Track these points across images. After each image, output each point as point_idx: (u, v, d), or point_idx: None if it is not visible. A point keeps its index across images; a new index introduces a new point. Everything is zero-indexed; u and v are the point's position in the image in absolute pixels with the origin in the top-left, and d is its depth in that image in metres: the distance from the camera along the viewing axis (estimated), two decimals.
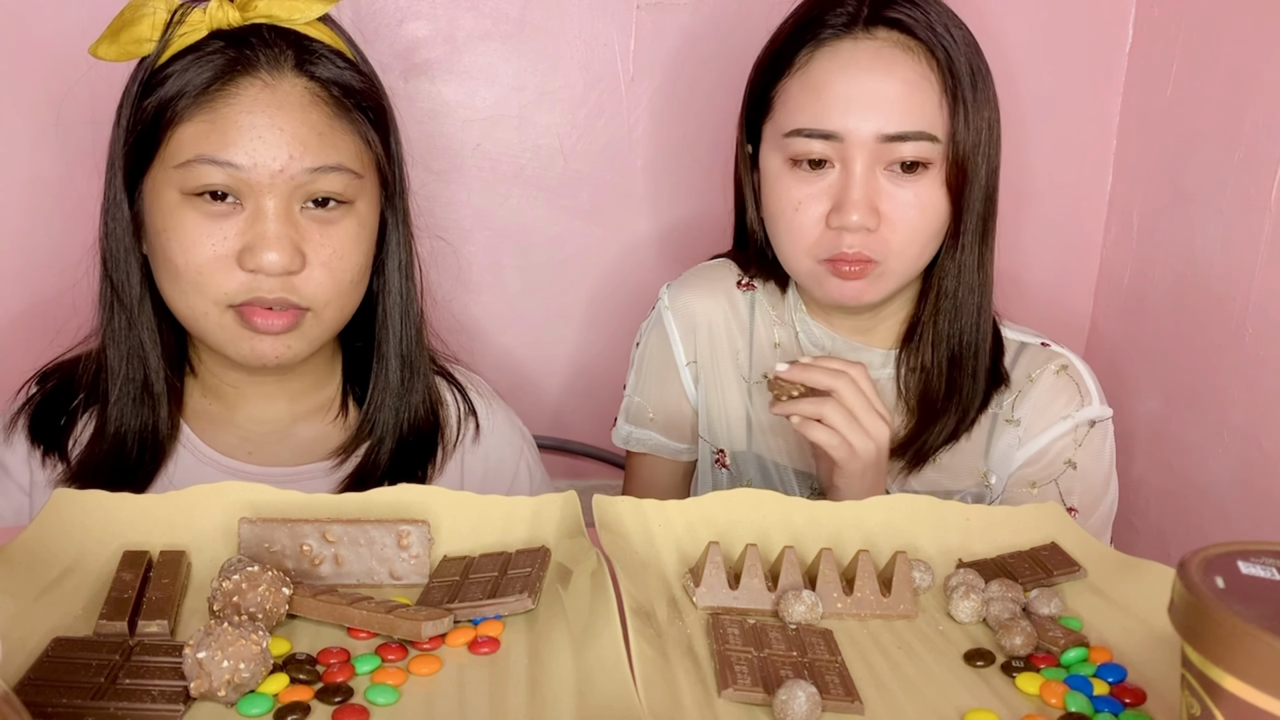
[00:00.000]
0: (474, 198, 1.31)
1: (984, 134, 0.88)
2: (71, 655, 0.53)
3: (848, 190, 0.87)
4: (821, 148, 0.88)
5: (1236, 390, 1.15)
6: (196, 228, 0.77)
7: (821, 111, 0.87)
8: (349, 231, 0.80)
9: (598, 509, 0.68)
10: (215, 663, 0.50)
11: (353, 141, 0.81)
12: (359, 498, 0.68)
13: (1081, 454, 0.95)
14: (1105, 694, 0.56)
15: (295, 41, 0.79)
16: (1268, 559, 0.46)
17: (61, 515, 0.64)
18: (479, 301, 1.34)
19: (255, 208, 0.77)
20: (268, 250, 0.76)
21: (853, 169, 0.87)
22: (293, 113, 0.77)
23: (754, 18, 1.28)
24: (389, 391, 0.88)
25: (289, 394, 0.89)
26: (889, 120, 0.86)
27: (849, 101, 0.86)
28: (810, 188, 0.89)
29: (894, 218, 0.87)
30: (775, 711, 0.52)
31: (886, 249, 0.88)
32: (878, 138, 0.86)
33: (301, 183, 0.77)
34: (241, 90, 0.77)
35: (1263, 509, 1.11)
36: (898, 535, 0.71)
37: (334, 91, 0.80)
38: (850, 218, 0.86)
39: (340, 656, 0.55)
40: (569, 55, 1.27)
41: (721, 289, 1.04)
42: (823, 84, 0.88)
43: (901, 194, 0.87)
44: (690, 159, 1.32)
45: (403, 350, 0.89)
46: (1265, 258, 1.11)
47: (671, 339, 1.04)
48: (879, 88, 0.86)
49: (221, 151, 0.76)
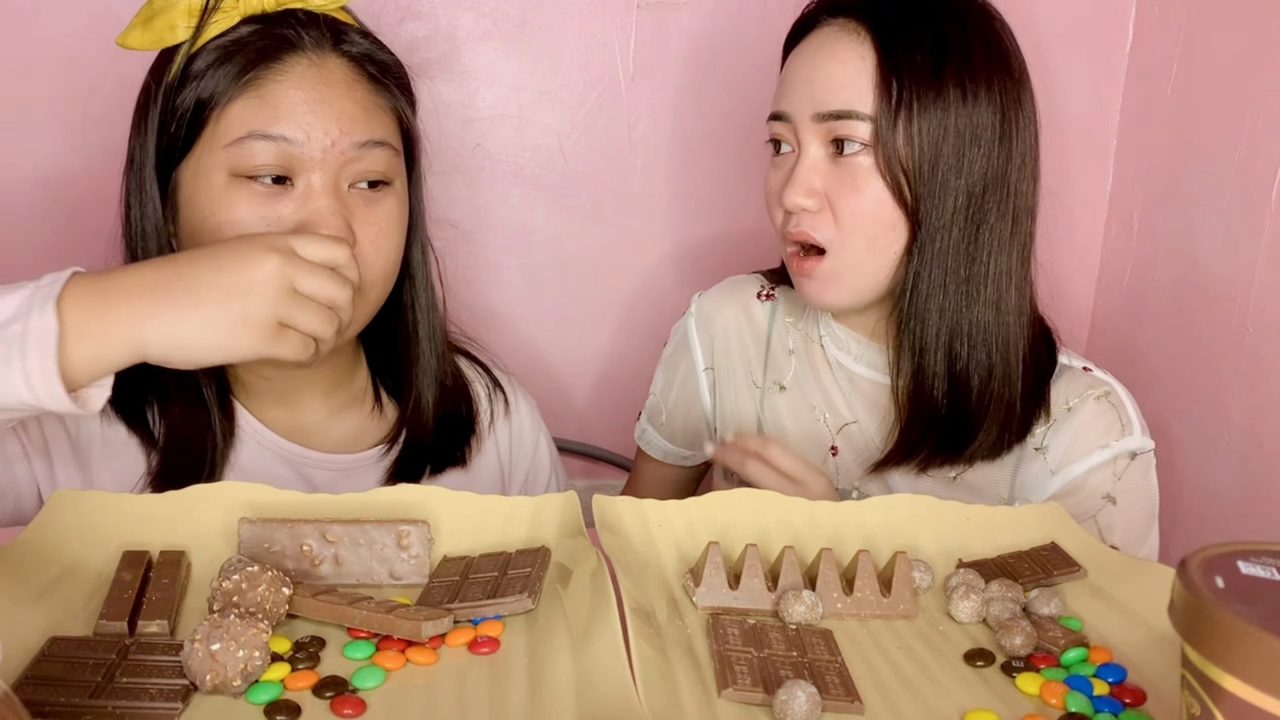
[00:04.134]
0: (474, 198, 1.31)
1: (950, 133, 0.83)
2: (69, 654, 0.53)
3: (793, 171, 0.87)
4: (779, 129, 0.89)
5: (1236, 390, 1.15)
6: (250, 208, 0.76)
7: (779, 93, 0.90)
8: (391, 211, 0.81)
9: (598, 509, 0.68)
10: (230, 653, 0.51)
11: (390, 119, 0.82)
12: (359, 498, 0.68)
13: (1121, 488, 0.89)
14: (1105, 694, 0.56)
15: (330, 24, 0.80)
16: (1268, 559, 0.46)
17: (61, 515, 0.64)
18: (478, 301, 1.34)
19: (306, 186, 0.77)
20: (323, 226, 0.76)
21: (803, 151, 0.87)
22: (338, 88, 0.78)
23: (754, 17, 1.28)
24: (428, 374, 0.89)
25: (322, 389, 0.88)
26: (820, 99, 0.85)
27: (794, 83, 0.88)
28: (778, 171, 0.91)
29: (834, 201, 0.86)
30: (775, 711, 0.52)
31: (827, 232, 0.87)
32: (814, 116, 0.86)
33: (350, 158, 0.78)
34: (289, 68, 0.77)
35: (1263, 509, 1.11)
36: (898, 535, 0.71)
37: (370, 69, 0.81)
38: (789, 198, 0.87)
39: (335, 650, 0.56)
40: (569, 55, 1.27)
41: (741, 299, 1.05)
42: (786, 70, 0.91)
43: (842, 175, 0.85)
44: (690, 159, 1.32)
45: (431, 332, 0.90)
46: (1265, 258, 1.11)
47: (692, 344, 1.06)
48: (818, 69, 0.86)
49: (273, 126, 0.75)
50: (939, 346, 0.87)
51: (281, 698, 0.52)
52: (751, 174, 1.30)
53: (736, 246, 1.35)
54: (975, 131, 0.84)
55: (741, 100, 1.30)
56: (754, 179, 1.31)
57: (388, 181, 0.81)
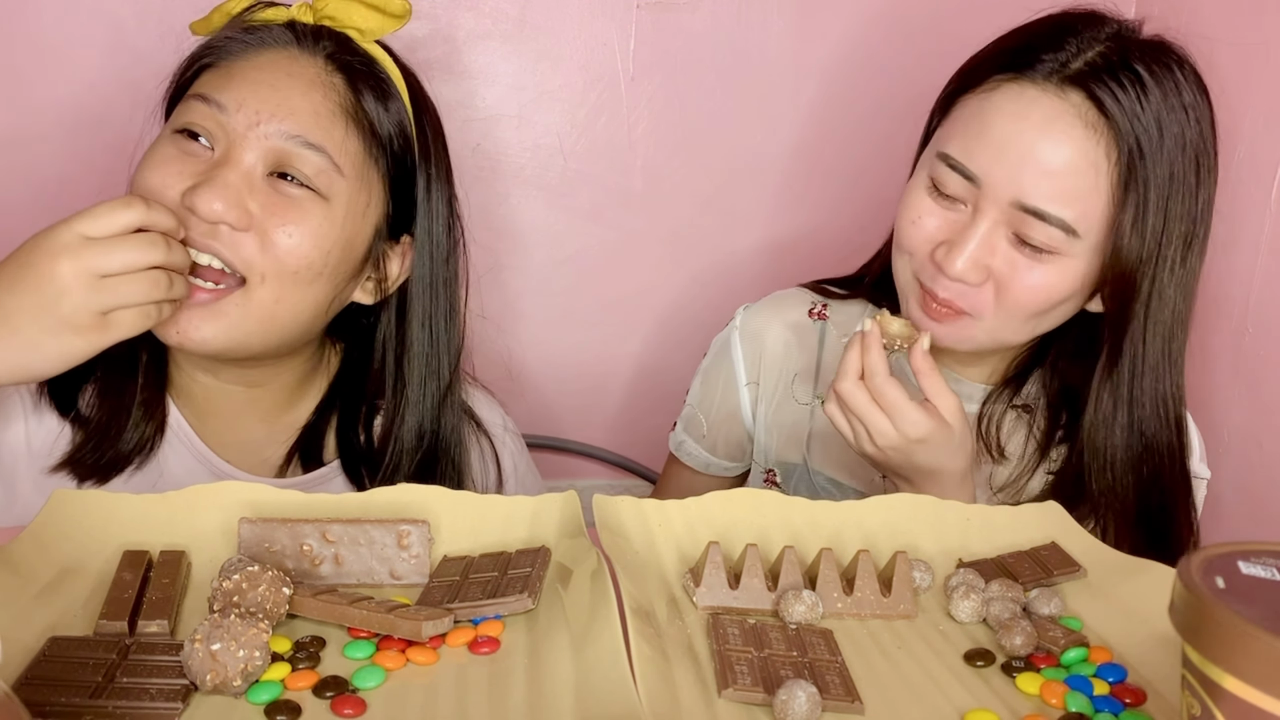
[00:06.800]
0: (474, 198, 1.30)
1: (1160, 246, 0.79)
2: (69, 654, 0.53)
3: (965, 238, 0.81)
4: (958, 185, 0.82)
5: (1236, 390, 1.15)
6: (165, 158, 0.77)
7: (973, 148, 0.81)
8: (311, 220, 0.77)
9: (598, 509, 0.68)
10: (230, 653, 0.51)
11: (355, 140, 0.80)
12: (359, 497, 0.68)
13: None
14: (1105, 694, 0.56)
15: (339, 38, 0.81)
16: (1268, 559, 0.46)
17: (61, 515, 0.64)
18: (477, 301, 1.33)
19: (222, 155, 0.76)
20: (209, 189, 0.74)
21: (980, 219, 0.81)
22: (299, 83, 0.78)
23: (754, 17, 1.28)
24: (403, 457, 0.86)
25: (262, 410, 0.87)
26: (1032, 190, 0.78)
27: (1000, 149, 0.79)
28: (938, 206, 0.84)
29: (1002, 281, 0.81)
30: (775, 711, 0.52)
31: (984, 309, 0.82)
32: (1014, 203, 0.79)
33: (277, 148, 0.76)
34: (268, 56, 0.78)
35: (1263, 509, 1.11)
36: (898, 535, 0.71)
37: (357, 86, 0.80)
38: (954, 265, 0.81)
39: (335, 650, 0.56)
40: (569, 55, 1.27)
41: (791, 315, 1.03)
42: (990, 121, 0.81)
43: (1020, 260, 0.80)
44: (690, 159, 1.32)
45: (420, 419, 0.86)
46: (1265, 258, 1.11)
47: (735, 358, 1.04)
48: (1039, 152, 0.78)
49: (216, 92, 0.77)
50: (1126, 454, 0.84)
51: (282, 698, 0.52)
52: (752, 174, 1.31)
53: (737, 247, 1.35)
54: (1189, 237, 0.81)
55: (742, 100, 1.30)
56: (754, 179, 1.31)
57: (318, 192, 0.78)
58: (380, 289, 0.86)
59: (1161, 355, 0.83)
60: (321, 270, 0.79)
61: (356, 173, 0.80)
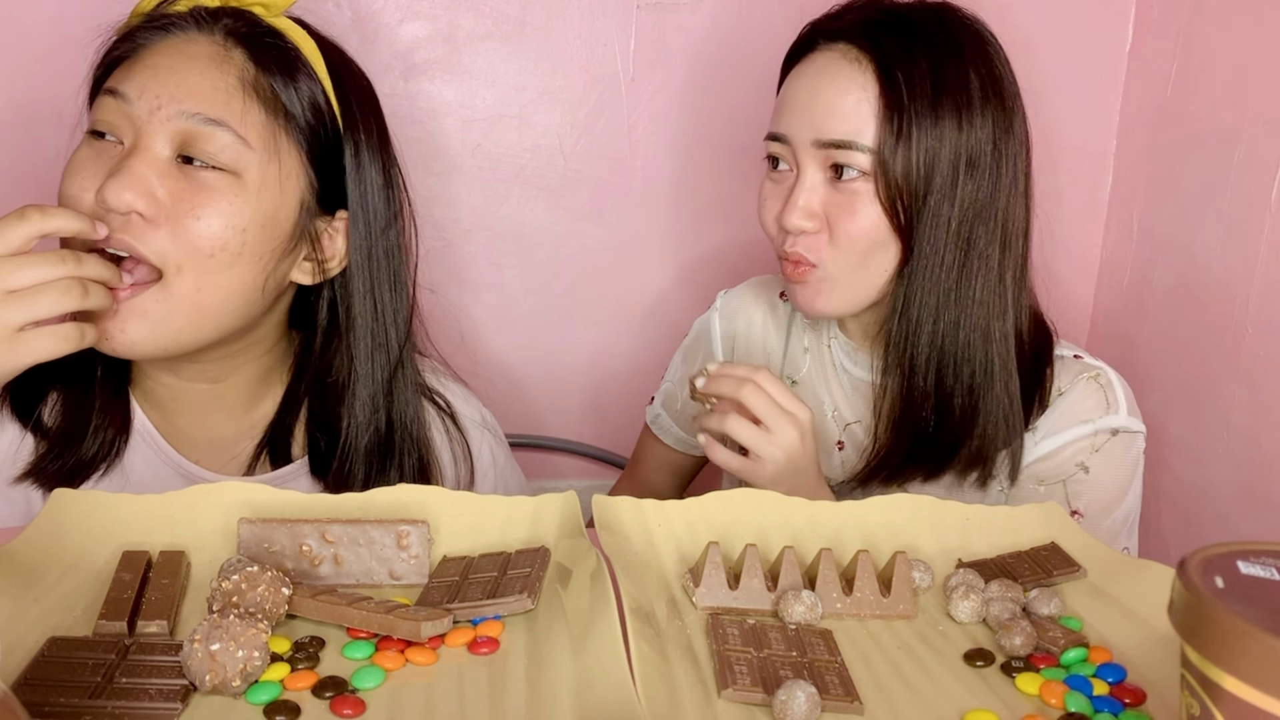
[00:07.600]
0: (474, 198, 1.31)
1: (944, 162, 0.85)
2: (68, 655, 0.53)
3: (795, 194, 0.89)
4: (778, 149, 0.92)
5: (1236, 390, 1.15)
6: (80, 162, 0.76)
7: (779, 115, 0.92)
8: (222, 201, 0.76)
9: (597, 509, 0.68)
10: (229, 654, 0.51)
11: (256, 114, 0.78)
12: (359, 497, 0.68)
13: (1097, 459, 0.92)
14: (1105, 694, 0.56)
15: (237, 14, 0.80)
16: (1268, 559, 0.46)
17: (61, 515, 0.64)
18: (478, 301, 1.34)
19: (131, 145, 0.76)
20: (117, 180, 0.73)
21: (802, 173, 0.90)
22: (197, 62, 0.77)
23: (754, 18, 1.28)
24: (358, 435, 0.85)
25: (228, 406, 0.87)
26: (821, 126, 0.88)
27: (795, 107, 0.90)
28: (775, 186, 0.93)
29: (831, 222, 0.89)
30: (775, 711, 0.52)
31: (822, 253, 0.90)
32: (814, 142, 0.88)
33: (181, 130, 0.76)
34: (169, 39, 0.78)
35: (1263, 509, 1.11)
36: (897, 535, 0.71)
37: (262, 58, 0.79)
38: (790, 218, 0.89)
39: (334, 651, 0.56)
40: (569, 55, 1.27)
41: (765, 298, 1.10)
42: (786, 92, 0.93)
43: (840, 199, 0.88)
44: (690, 159, 1.32)
45: (372, 393, 0.85)
46: (1265, 258, 1.11)
47: (714, 338, 1.11)
48: (820, 95, 0.88)
49: (120, 84, 0.77)
50: (928, 369, 0.90)
51: (281, 698, 0.52)
52: (751, 175, 1.30)
53: (736, 247, 1.36)
54: (968, 160, 0.87)
55: (742, 101, 1.30)
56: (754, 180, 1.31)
57: (226, 170, 0.77)
58: (322, 269, 0.84)
59: (954, 266, 0.88)
60: (239, 251, 0.77)
61: (264, 145, 0.78)
